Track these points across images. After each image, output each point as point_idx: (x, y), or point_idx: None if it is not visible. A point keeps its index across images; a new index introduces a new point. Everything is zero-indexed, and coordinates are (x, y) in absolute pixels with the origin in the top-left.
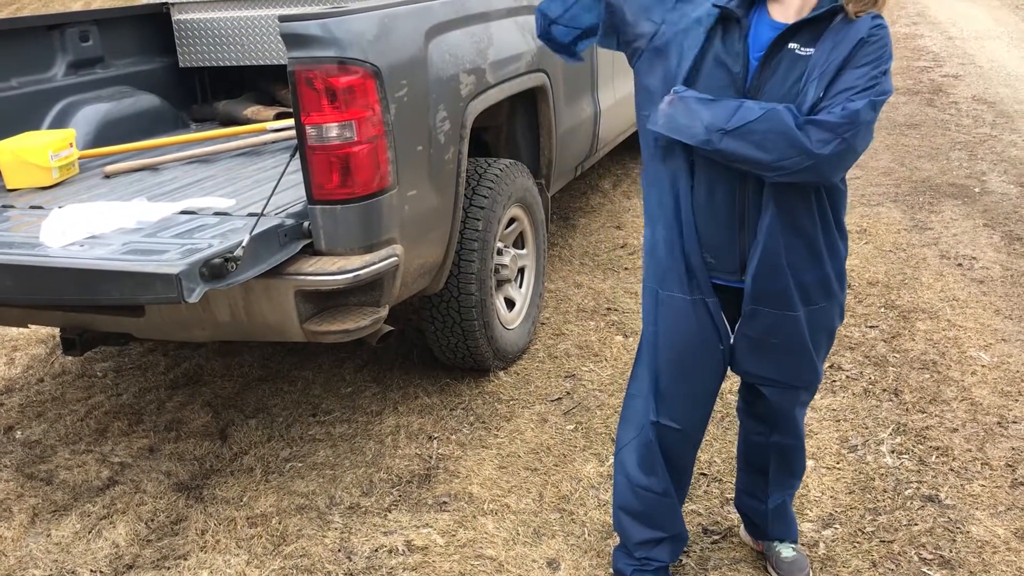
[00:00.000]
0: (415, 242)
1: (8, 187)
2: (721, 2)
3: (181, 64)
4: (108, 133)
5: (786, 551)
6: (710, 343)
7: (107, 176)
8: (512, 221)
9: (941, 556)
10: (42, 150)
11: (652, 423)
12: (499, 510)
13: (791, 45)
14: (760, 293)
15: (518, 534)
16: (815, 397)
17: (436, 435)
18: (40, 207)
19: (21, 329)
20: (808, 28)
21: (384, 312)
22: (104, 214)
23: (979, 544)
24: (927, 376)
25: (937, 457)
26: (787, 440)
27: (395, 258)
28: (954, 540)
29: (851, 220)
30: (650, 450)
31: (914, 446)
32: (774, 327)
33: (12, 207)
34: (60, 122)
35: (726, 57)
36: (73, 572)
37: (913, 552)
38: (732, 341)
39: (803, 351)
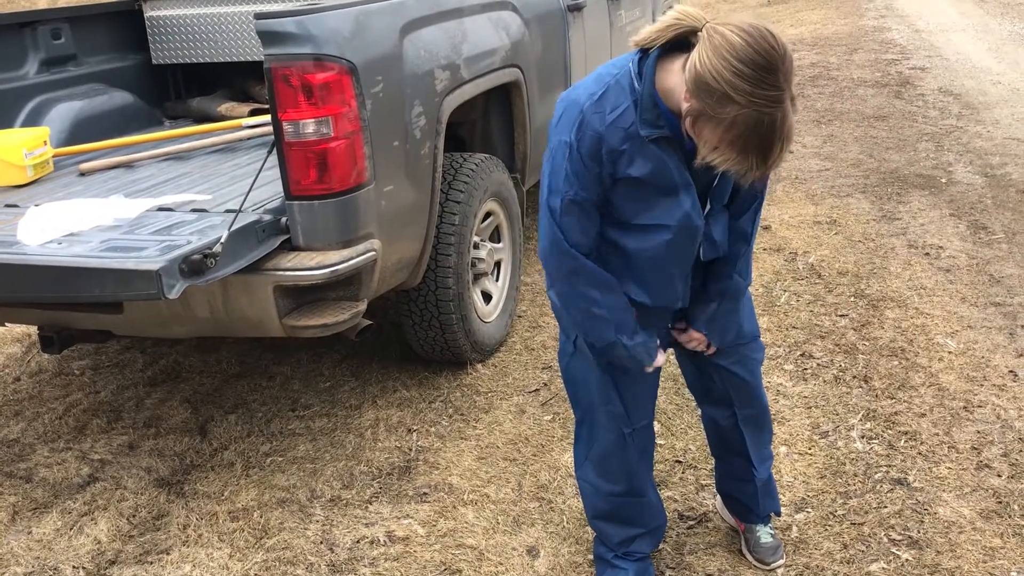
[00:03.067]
0: (393, 237)
1: None
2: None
3: (154, 61)
4: (82, 131)
5: (765, 536)
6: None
7: (82, 174)
8: (488, 215)
9: (910, 537)
10: (16, 148)
11: (629, 433)
12: (479, 500)
13: None
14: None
15: (498, 523)
16: (787, 384)
17: (415, 428)
18: (16, 205)
19: None
20: None
21: (362, 306)
22: (81, 212)
23: (946, 525)
24: (896, 363)
25: (906, 441)
26: (755, 409)
27: (373, 253)
28: (922, 521)
29: (821, 211)
30: (612, 458)
31: (883, 431)
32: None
33: None
34: (33, 120)
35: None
36: (55, 569)
37: (883, 533)
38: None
39: (737, 313)
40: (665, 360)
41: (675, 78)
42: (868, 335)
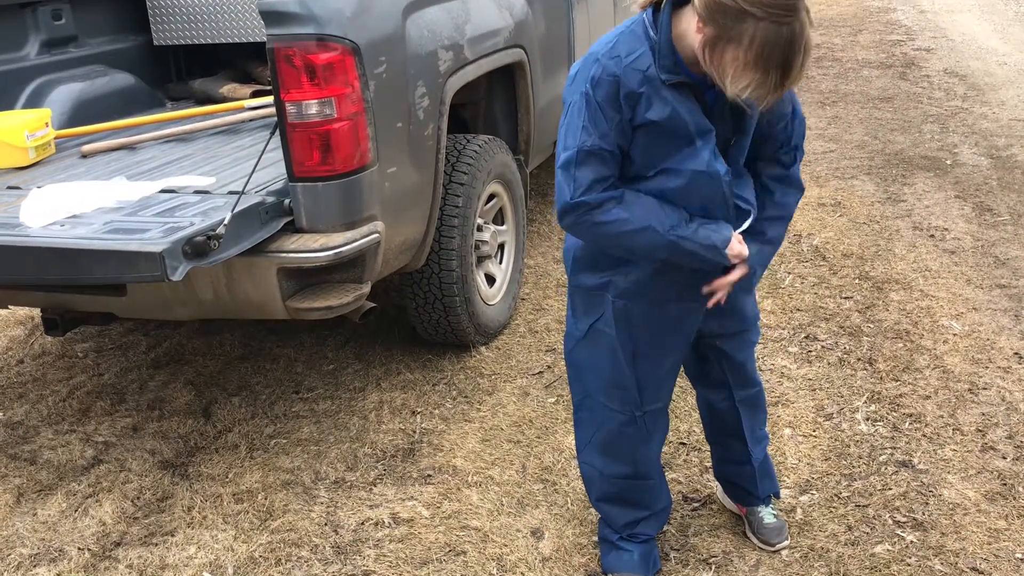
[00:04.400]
0: (396, 219)
1: None
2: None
3: (156, 42)
4: (83, 112)
5: (768, 517)
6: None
7: (84, 156)
8: (492, 197)
9: (914, 519)
10: (18, 130)
11: (640, 416)
12: (483, 482)
13: None
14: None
15: (502, 505)
16: (792, 366)
17: (419, 410)
18: (18, 187)
19: (0, 310)
20: None
21: (366, 289)
22: (84, 193)
23: (950, 507)
24: (900, 345)
25: (910, 424)
26: (751, 390)
27: (376, 235)
28: (927, 503)
29: (826, 193)
30: (618, 441)
31: (888, 413)
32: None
33: None
34: (34, 102)
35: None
36: (61, 550)
37: (887, 515)
38: None
39: (747, 294)
40: (742, 246)
41: (687, 20)
42: (873, 317)
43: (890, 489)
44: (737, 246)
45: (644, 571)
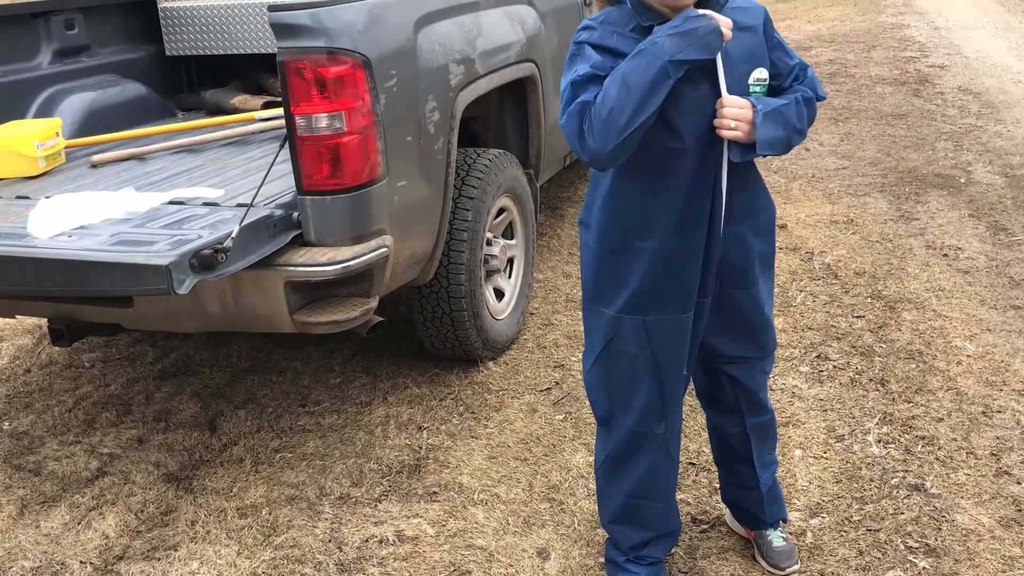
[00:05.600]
0: (405, 233)
1: None
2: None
3: (167, 53)
4: (94, 122)
5: (777, 540)
6: (693, 345)
7: (94, 166)
8: (501, 211)
9: (927, 544)
10: (28, 139)
11: (662, 434)
12: (489, 500)
13: None
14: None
15: (508, 524)
16: (803, 386)
17: (426, 425)
18: (27, 197)
19: (7, 319)
20: None
21: (374, 303)
22: (92, 204)
23: (964, 532)
24: (913, 366)
25: (923, 446)
26: (762, 418)
27: (385, 249)
28: (939, 528)
29: (838, 210)
30: (632, 459)
31: (900, 435)
32: (741, 306)
33: None
34: (46, 111)
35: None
36: (63, 564)
37: (899, 540)
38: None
39: (764, 322)
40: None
41: None
42: (885, 337)
43: (902, 513)
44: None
45: None
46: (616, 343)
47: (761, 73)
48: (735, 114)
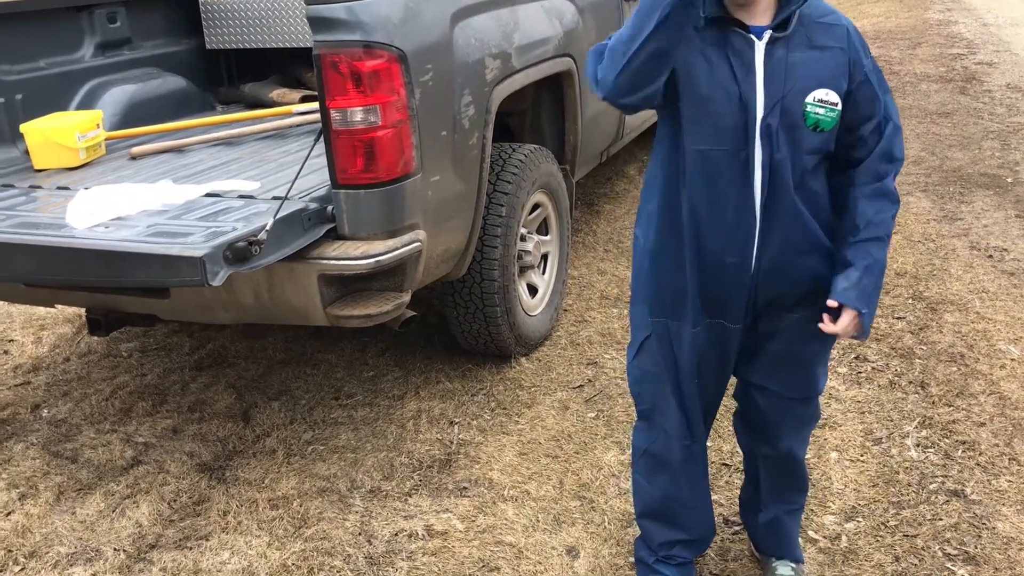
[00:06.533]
0: (438, 227)
1: (36, 167)
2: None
3: (208, 46)
4: (135, 114)
5: (783, 568)
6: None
7: (133, 158)
8: (536, 207)
9: (966, 552)
10: (69, 131)
11: (688, 446)
12: (519, 496)
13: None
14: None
15: (538, 521)
16: (840, 388)
17: (457, 420)
18: (67, 188)
19: (48, 309)
20: None
21: (406, 297)
22: (130, 196)
23: (1005, 540)
24: (954, 369)
25: (963, 451)
26: (775, 454)
27: (418, 243)
28: (979, 536)
29: None
30: (665, 458)
31: (940, 440)
32: (772, 339)
33: (39, 188)
34: (87, 103)
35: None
36: (97, 550)
37: (937, 547)
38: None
39: (800, 361)
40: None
41: None
42: (926, 339)
43: (940, 519)
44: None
45: None
46: (649, 342)
47: (827, 95)
48: (847, 332)
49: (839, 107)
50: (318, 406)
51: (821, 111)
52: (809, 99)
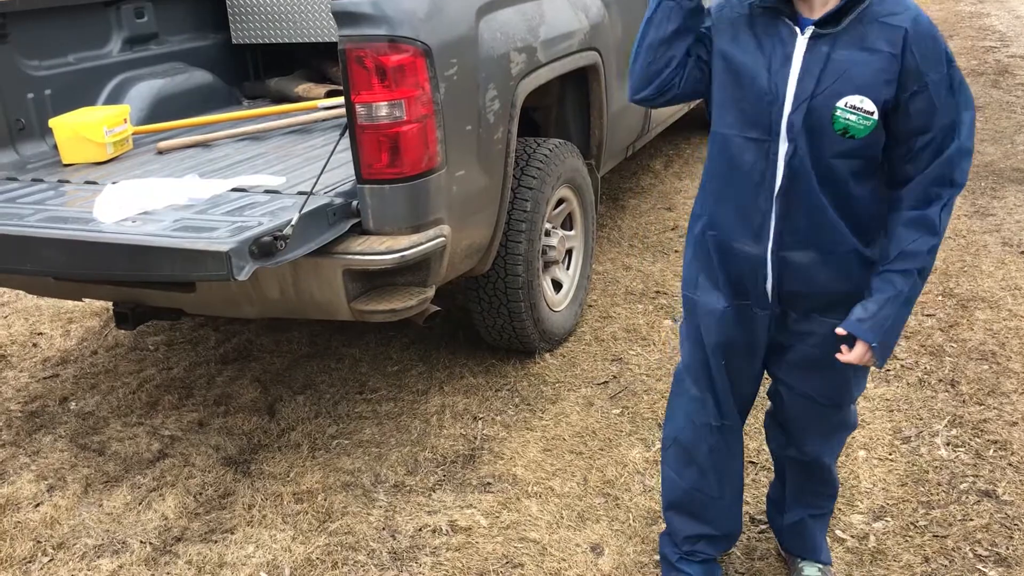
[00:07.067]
0: (463, 222)
1: (64, 162)
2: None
3: (234, 41)
4: (161, 109)
5: (809, 569)
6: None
7: (160, 152)
8: (561, 202)
9: (997, 553)
10: (97, 126)
11: (718, 427)
12: (543, 493)
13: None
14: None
15: (562, 517)
16: (868, 385)
17: (481, 416)
18: (94, 182)
19: (76, 302)
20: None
21: (431, 292)
22: (157, 190)
23: None
24: (986, 367)
25: (995, 451)
26: (801, 457)
27: (442, 239)
28: (1011, 537)
29: None
30: (694, 443)
31: (971, 439)
32: (802, 336)
33: (67, 182)
34: (115, 98)
35: None
36: (124, 543)
37: (968, 548)
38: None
39: (829, 364)
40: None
41: None
42: (956, 336)
43: (971, 520)
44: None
45: None
46: (687, 314)
47: (862, 102)
48: (851, 351)
49: (875, 116)
50: (342, 400)
51: (852, 117)
52: (841, 103)
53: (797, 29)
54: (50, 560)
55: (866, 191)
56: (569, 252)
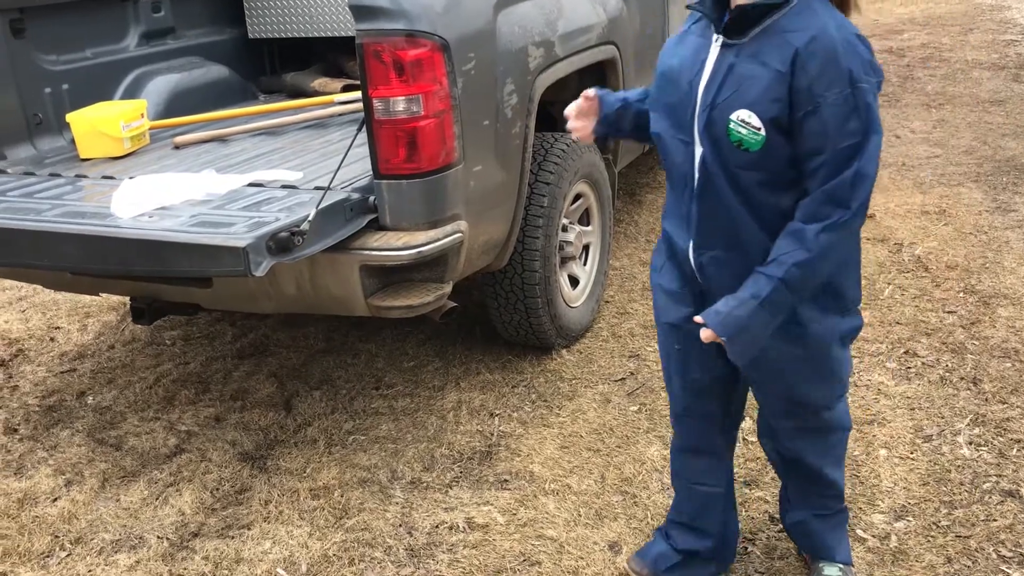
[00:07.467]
0: (480, 218)
1: (81, 157)
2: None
3: (250, 35)
4: (178, 104)
5: (829, 569)
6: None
7: (177, 147)
8: (578, 197)
9: (1021, 554)
10: (114, 120)
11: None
12: (560, 490)
13: None
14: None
15: (579, 515)
16: (889, 383)
17: (498, 412)
18: (111, 177)
19: (93, 297)
20: None
21: (448, 288)
22: (174, 185)
23: None
24: (1008, 365)
25: (1018, 450)
26: (784, 454)
27: (460, 234)
28: None
29: (929, 200)
30: (677, 420)
31: (993, 438)
32: None
33: (84, 177)
34: (132, 92)
35: None
36: (141, 538)
37: (991, 548)
38: None
39: (782, 369)
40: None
41: None
42: (978, 334)
43: (995, 520)
44: None
45: (642, 558)
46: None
47: (750, 118)
48: (706, 336)
49: (762, 132)
50: (359, 396)
51: (744, 131)
52: (734, 116)
53: (715, 35)
54: (68, 555)
55: (783, 200)
56: (586, 248)
